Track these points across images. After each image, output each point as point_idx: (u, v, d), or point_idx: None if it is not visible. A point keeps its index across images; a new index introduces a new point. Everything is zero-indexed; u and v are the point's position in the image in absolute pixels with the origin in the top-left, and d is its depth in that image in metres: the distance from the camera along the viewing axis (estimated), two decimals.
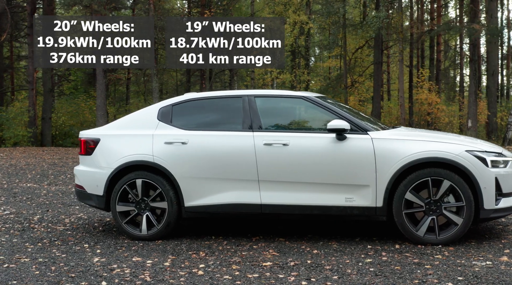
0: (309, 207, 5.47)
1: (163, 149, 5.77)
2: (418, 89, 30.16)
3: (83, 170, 6.16)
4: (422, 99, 29.13)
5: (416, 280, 4.19)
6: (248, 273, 4.50)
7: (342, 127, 5.34)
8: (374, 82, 28.06)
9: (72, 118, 31.09)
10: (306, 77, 32.08)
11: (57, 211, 7.75)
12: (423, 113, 29.50)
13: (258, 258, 4.98)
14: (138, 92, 39.74)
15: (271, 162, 5.52)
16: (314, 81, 33.00)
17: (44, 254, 5.33)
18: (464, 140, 5.56)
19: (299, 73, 30.62)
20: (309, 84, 31.44)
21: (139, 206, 5.84)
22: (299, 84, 31.13)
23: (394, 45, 31.69)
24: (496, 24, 21.37)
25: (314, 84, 33.68)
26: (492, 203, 5.17)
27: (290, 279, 4.31)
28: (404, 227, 5.28)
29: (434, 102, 28.71)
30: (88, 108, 31.82)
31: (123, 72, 35.08)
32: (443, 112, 28.45)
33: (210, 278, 4.40)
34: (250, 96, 5.87)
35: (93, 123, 30.43)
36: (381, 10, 22.50)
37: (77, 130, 29.64)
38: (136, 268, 4.75)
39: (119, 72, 34.83)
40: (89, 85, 36.41)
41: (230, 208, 5.64)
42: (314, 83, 33.53)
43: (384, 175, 5.28)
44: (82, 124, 30.98)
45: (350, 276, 4.36)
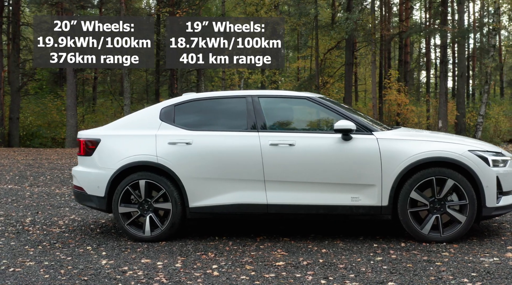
0: (315, 206, 5.52)
1: (167, 150, 5.73)
2: (387, 90, 30.68)
3: (83, 171, 6.05)
4: (391, 100, 29.68)
5: (432, 276, 4.29)
6: (264, 273, 4.51)
7: (349, 128, 5.41)
8: (346, 83, 28.43)
9: (39, 118, 30.39)
10: (278, 77, 32.26)
11: (47, 213, 7.58)
12: (393, 114, 30.03)
13: (269, 258, 5.00)
14: (105, 92, 39.10)
15: (277, 162, 5.55)
16: (285, 81, 33.10)
17: (48, 257, 5.22)
18: (465, 140, 5.71)
19: (270, 74, 30.74)
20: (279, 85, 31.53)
21: (142, 207, 5.77)
22: (270, 84, 31.26)
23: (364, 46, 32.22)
24: (463, 27, 21.94)
25: (285, 85, 33.81)
26: (494, 201, 5.32)
27: (308, 278, 4.34)
28: (409, 226, 5.38)
29: (403, 102, 29.28)
30: (55, 108, 31.14)
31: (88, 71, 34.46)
32: (413, 113, 29.03)
33: (227, 279, 4.40)
34: (254, 97, 5.88)
35: (61, 123, 29.83)
36: (354, 12, 22.79)
37: (44, 130, 29.04)
38: (148, 270, 4.70)
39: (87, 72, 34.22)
40: (55, 85, 35.69)
41: (235, 209, 5.64)
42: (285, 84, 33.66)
43: (390, 175, 5.37)
44: (49, 124, 30.36)
45: (366, 274, 4.43)
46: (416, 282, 4.17)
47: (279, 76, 32.12)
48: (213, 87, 41.75)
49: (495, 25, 21.49)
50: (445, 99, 22.81)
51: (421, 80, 47.61)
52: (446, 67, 22.98)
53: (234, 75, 33.85)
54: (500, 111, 25.67)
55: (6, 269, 4.81)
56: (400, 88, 30.13)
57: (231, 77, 36.15)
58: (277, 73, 32.09)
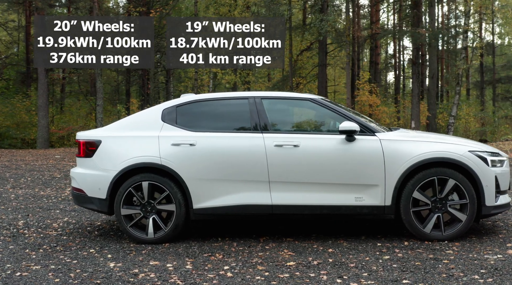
0: (319, 207, 5.59)
1: (171, 151, 5.70)
2: (359, 91, 31.12)
3: (83, 173, 5.96)
4: (363, 101, 30.12)
5: (444, 274, 4.40)
6: (278, 273, 4.55)
7: (353, 129, 5.49)
8: (319, 84, 28.68)
9: (8, 119, 29.66)
10: (251, 78, 32.32)
11: (39, 216, 7.44)
12: (365, 114, 30.48)
13: (277, 258, 5.04)
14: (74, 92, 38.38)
15: (282, 163, 5.59)
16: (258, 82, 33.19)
17: (53, 260, 5.13)
18: (463, 141, 5.86)
19: (243, 74, 30.78)
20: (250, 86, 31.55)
21: (145, 209, 5.73)
22: (243, 85, 31.30)
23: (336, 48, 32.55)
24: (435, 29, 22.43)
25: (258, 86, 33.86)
26: (493, 200, 5.49)
27: (323, 278, 4.40)
28: (411, 225, 5.50)
29: (375, 103, 29.76)
30: (24, 109, 30.44)
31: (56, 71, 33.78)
32: (384, 114, 29.52)
33: (242, 279, 4.42)
34: (257, 98, 5.91)
35: (30, 124, 29.19)
36: (329, 14, 23.03)
37: (14, 131, 28.36)
38: (160, 272, 4.68)
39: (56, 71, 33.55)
40: (22, 85, 34.88)
41: (240, 210, 5.65)
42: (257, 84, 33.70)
43: (393, 175, 5.47)
44: (18, 125, 29.67)
45: (378, 273, 4.51)
46: (429, 280, 4.27)
47: (252, 76, 32.20)
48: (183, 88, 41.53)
49: (466, 28, 22.05)
50: (418, 100, 23.29)
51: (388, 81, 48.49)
52: (419, 69, 23.46)
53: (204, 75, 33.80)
54: (469, 112, 26.31)
55: (12, 274, 4.71)
56: (372, 89, 30.63)
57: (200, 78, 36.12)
58: (250, 73, 32.19)
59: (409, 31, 21.74)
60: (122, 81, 37.13)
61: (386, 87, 44.75)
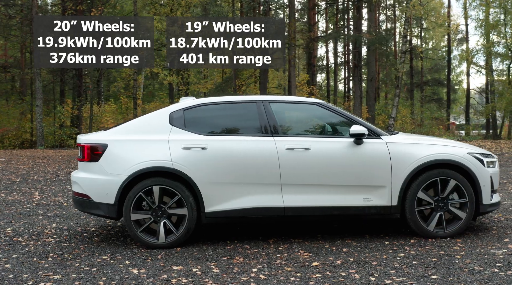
0: (329, 208, 5.76)
1: (182, 155, 5.68)
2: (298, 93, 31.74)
3: (88, 178, 5.81)
4: None
5: (465, 268, 4.69)
6: (310, 274, 4.67)
7: (362, 132, 5.72)
8: (261, 85, 29.02)
9: None
10: (193, 79, 32.17)
11: (23, 222, 7.15)
12: None
13: (299, 259, 5.16)
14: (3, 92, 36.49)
15: (293, 166, 5.72)
16: (201, 83, 33.04)
17: (70, 269, 4.98)
18: (460, 144, 6.25)
19: (185, 75, 30.57)
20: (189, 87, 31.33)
21: (155, 213, 5.68)
22: (184, 86, 31.08)
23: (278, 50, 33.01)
24: (376, 32, 23.30)
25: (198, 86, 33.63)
26: (489, 198, 5.90)
27: (356, 277, 4.57)
28: (416, 223, 5.79)
29: None
30: None
31: None
32: None
33: (278, 281, 4.50)
34: (265, 102, 6.00)
35: None
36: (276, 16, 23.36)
37: None
38: (190, 277, 4.68)
39: None
40: None
41: (252, 212, 5.72)
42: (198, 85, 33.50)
43: (399, 176, 5.75)
44: None
45: (404, 269, 4.74)
46: (455, 274, 4.55)
47: (194, 77, 32.09)
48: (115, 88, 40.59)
49: (405, 32, 23.09)
50: (360, 102, 24.10)
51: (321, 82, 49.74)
52: (360, 71, 24.30)
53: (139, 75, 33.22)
54: (406, 114, 27.54)
55: (36, 284, 4.55)
56: (311, 90, 31.35)
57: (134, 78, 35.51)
58: (191, 75, 32.04)
59: (353, 35, 22.47)
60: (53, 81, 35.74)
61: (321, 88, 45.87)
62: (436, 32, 44.09)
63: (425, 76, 42.64)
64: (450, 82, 38.54)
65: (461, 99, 52.50)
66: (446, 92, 38.04)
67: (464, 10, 36.62)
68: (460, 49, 44.44)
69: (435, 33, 45.24)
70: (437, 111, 38.28)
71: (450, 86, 39.38)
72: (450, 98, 39.55)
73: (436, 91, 44.56)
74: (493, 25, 27.35)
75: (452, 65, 45.21)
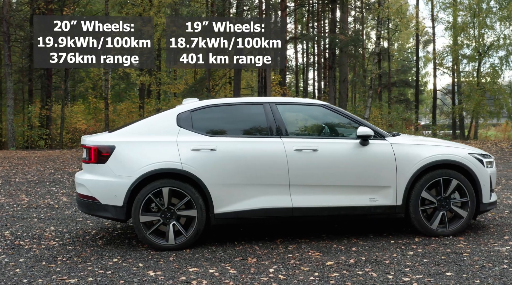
0: (336, 208, 5.86)
1: (191, 156, 5.68)
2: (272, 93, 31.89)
3: (95, 180, 5.75)
4: None
5: (476, 265, 4.85)
6: (328, 273, 4.75)
7: (369, 134, 5.84)
8: (235, 86, 29.06)
9: None
10: (166, 79, 31.94)
11: (19, 225, 7.02)
12: None
13: (311, 259, 5.23)
14: None
15: (302, 167, 5.79)
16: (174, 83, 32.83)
17: (84, 272, 4.93)
18: (460, 144, 6.43)
19: (159, 76, 30.34)
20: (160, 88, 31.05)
21: (165, 215, 5.66)
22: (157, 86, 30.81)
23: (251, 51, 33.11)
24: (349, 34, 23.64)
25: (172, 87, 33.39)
26: (488, 197, 6.10)
27: (374, 275, 4.67)
28: (420, 222, 5.94)
29: None
30: None
31: None
32: None
33: (298, 281, 4.56)
34: (272, 104, 6.06)
35: None
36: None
37: None
38: (209, 278, 4.69)
39: None
40: None
41: (261, 213, 5.77)
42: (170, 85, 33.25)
43: (404, 176, 5.89)
44: None
45: (417, 267, 4.87)
46: (468, 271, 4.70)
47: (167, 78, 31.87)
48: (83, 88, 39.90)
49: (379, 34, 23.48)
50: (334, 102, 24.40)
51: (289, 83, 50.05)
52: (334, 73, 24.58)
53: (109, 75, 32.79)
54: (378, 115, 28.00)
55: None
56: (284, 91, 31.55)
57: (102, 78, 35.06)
58: (164, 75, 31.81)
59: (329, 36, 22.74)
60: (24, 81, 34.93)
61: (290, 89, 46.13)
62: (402, 34, 44.94)
63: (392, 77, 43.42)
64: (418, 83, 39.31)
65: (427, 100, 53.71)
66: (415, 93, 38.78)
67: (431, 12, 37.53)
68: (425, 51, 45.50)
69: (401, 34, 46.11)
70: (405, 112, 39.04)
71: (418, 87, 40.16)
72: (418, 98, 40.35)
73: (403, 92, 45.43)
74: (462, 28, 28.07)
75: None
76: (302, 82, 42.42)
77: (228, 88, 32.57)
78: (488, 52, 29.55)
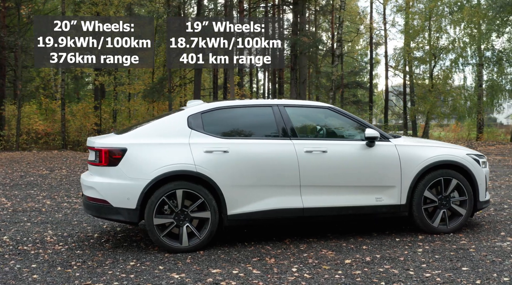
0: (345, 208, 6.03)
1: (204, 158, 5.71)
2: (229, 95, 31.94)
3: (107, 183, 5.67)
4: None
5: (486, 260, 5.12)
6: (350, 271, 4.89)
7: (376, 136, 6.04)
8: (195, 87, 28.92)
9: None
10: (126, 80, 31.44)
11: (14, 230, 6.82)
12: None
13: (328, 258, 5.36)
14: None
15: (312, 168, 5.92)
16: (133, 83, 32.34)
17: (106, 277, 4.87)
18: (456, 146, 6.74)
19: (118, 76, 29.83)
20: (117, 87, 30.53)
21: (178, 217, 5.66)
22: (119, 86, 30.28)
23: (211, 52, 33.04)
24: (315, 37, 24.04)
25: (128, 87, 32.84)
26: (484, 196, 6.42)
27: (395, 272, 4.85)
28: (422, 220, 6.19)
29: None
30: None
31: None
32: None
33: (325, 279, 4.68)
34: (280, 106, 6.16)
35: None
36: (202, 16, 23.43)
37: None
38: (237, 279, 4.74)
39: None
40: None
41: (272, 214, 5.86)
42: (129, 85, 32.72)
43: (408, 176, 6.12)
44: None
45: (433, 263, 5.09)
46: (481, 266, 4.95)
47: (127, 78, 31.39)
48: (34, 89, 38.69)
49: (339, 36, 23.96)
50: None
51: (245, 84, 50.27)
52: (296, 74, 24.91)
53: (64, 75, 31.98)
54: None
55: None
56: (243, 92, 31.72)
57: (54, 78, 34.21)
58: (124, 75, 31.31)
59: (292, 38, 23.02)
60: None
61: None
62: (352, 36, 45.92)
63: (345, 78, 44.37)
64: (372, 85, 40.31)
65: (378, 101, 55.14)
66: (369, 95, 39.74)
67: (383, 15, 38.60)
68: (375, 52, 46.72)
69: (351, 36, 47.12)
70: (358, 113, 39.95)
71: (372, 89, 41.19)
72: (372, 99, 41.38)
73: (355, 93, 46.49)
74: (417, 31, 28.99)
75: (368, 68, 47.34)
76: (254, 83, 42.65)
77: (189, 88, 32.38)
78: (439, 55, 30.68)
